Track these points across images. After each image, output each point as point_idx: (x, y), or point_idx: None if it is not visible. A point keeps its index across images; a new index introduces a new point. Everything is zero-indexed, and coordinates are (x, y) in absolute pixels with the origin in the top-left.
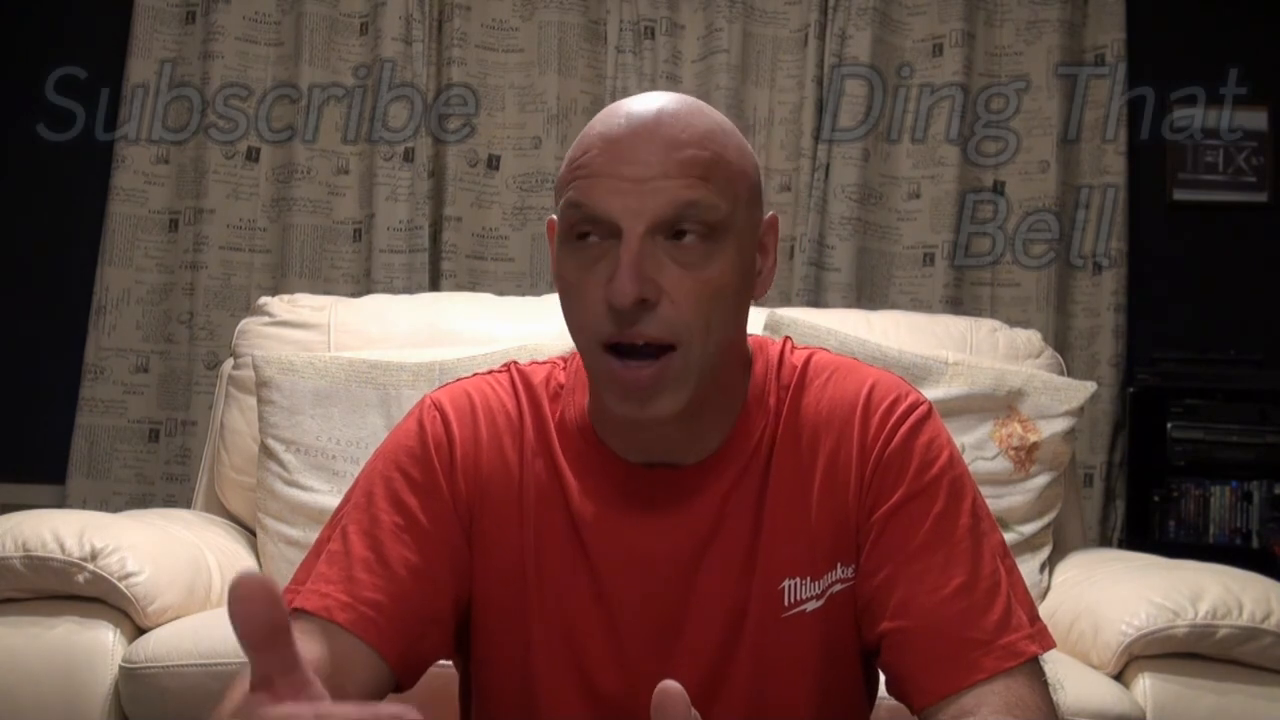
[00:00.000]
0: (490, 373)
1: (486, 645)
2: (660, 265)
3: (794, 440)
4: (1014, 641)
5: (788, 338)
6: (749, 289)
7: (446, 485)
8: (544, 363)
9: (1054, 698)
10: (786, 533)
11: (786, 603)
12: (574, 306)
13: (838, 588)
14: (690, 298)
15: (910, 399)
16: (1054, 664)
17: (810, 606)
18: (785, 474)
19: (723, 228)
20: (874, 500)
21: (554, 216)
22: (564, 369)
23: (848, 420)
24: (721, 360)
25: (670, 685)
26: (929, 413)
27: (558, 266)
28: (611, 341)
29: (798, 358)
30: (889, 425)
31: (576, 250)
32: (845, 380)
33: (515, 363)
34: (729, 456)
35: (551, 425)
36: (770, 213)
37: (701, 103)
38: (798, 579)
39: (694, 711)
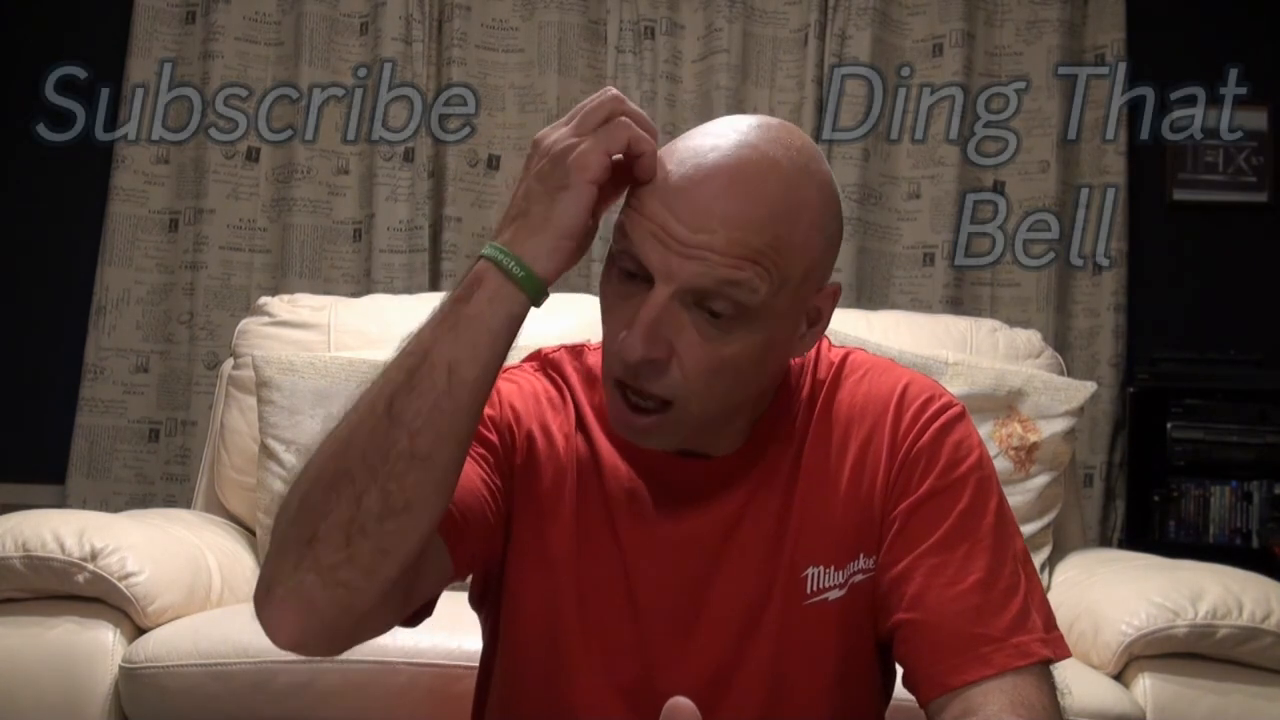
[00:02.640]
0: (518, 367)
1: (517, 618)
2: (680, 328)
3: (825, 433)
4: (1026, 642)
5: (824, 335)
6: (778, 356)
7: (504, 436)
8: (573, 347)
9: (1061, 703)
10: (813, 522)
11: (809, 590)
12: (605, 328)
13: (859, 578)
14: (699, 367)
15: (944, 399)
16: (1058, 668)
17: (833, 595)
18: (815, 465)
19: (754, 310)
20: (900, 493)
21: None
22: (596, 353)
23: (881, 415)
24: (730, 408)
25: (681, 701)
26: (962, 414)
27: (602, 277)
28: (621, 380)
29: (835, 355)
30: (921, 421)
31: (616, 278)
32: (881, 377)
33: (542, 352)
34: (761, 446)
35: (589, 410)
36: (834, 283)
37: (791, 157)
38: (821, 568)
39: None
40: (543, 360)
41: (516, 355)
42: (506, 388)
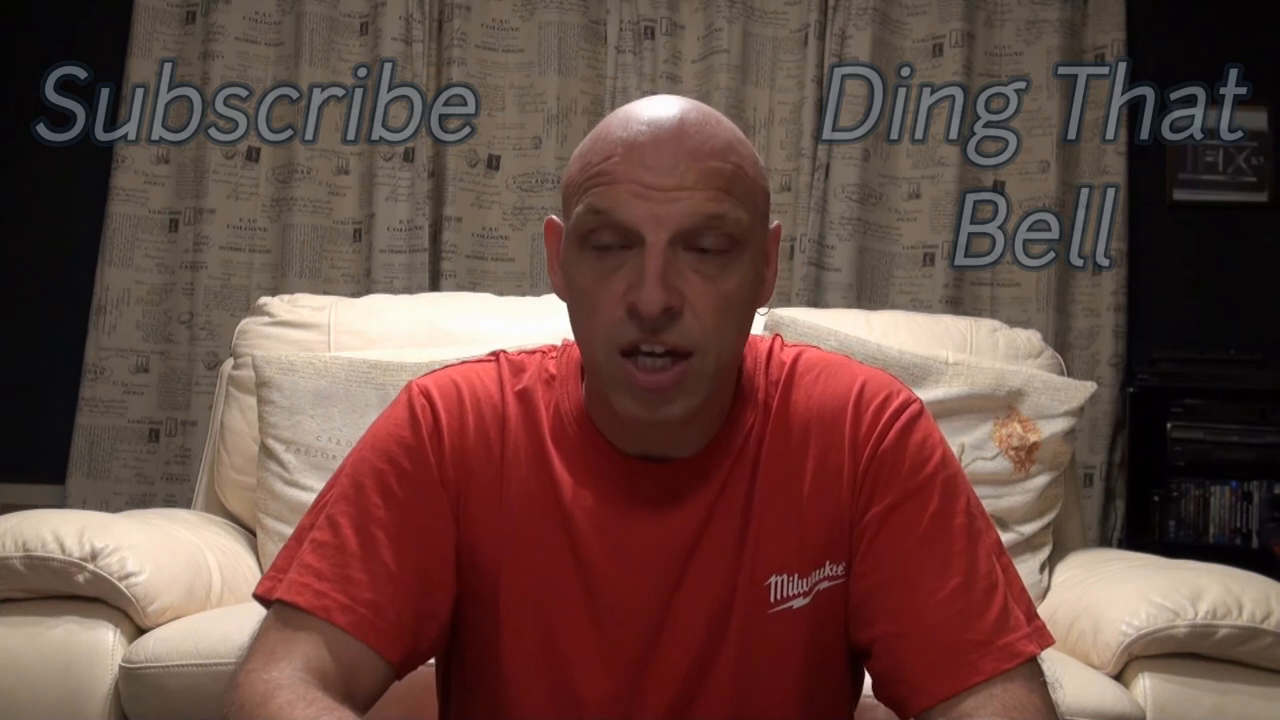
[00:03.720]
0: (478, 361)
1: (460, 635)
2: (682, 274)
3: (783, 437)
4: (1012, 642)
5: (777, 335)
6: (758, 299)
7: (438, 475)
8: (533, 351)
9: (1053, 697)
10: (775, 529)
11: (773, 599)
12: (589, 314)
13: (825, 585)
14: (710, 308)
15: (901, 397)
16: (1054, 663)
17: (797, 603)
18: (774, 470)
19: (742, 240)
20: (867, 500)
21: (554, 218)
22: (555, 358)
23: (838, 418)
24: (730, 365)
25: None
26: (920, 411)
27: (569, 272)
28: (631, 347)
29: (787, 355)
30: (881, 423)
31: (592, 259)
32: (835, 377)
33: (504, 352)
34: (720, 451)
35: (544, 416)
36: (775, 223)
37: (716, 111)
38: (785, 575)
39: None
40: (502, 360)
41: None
42: (448, 411)
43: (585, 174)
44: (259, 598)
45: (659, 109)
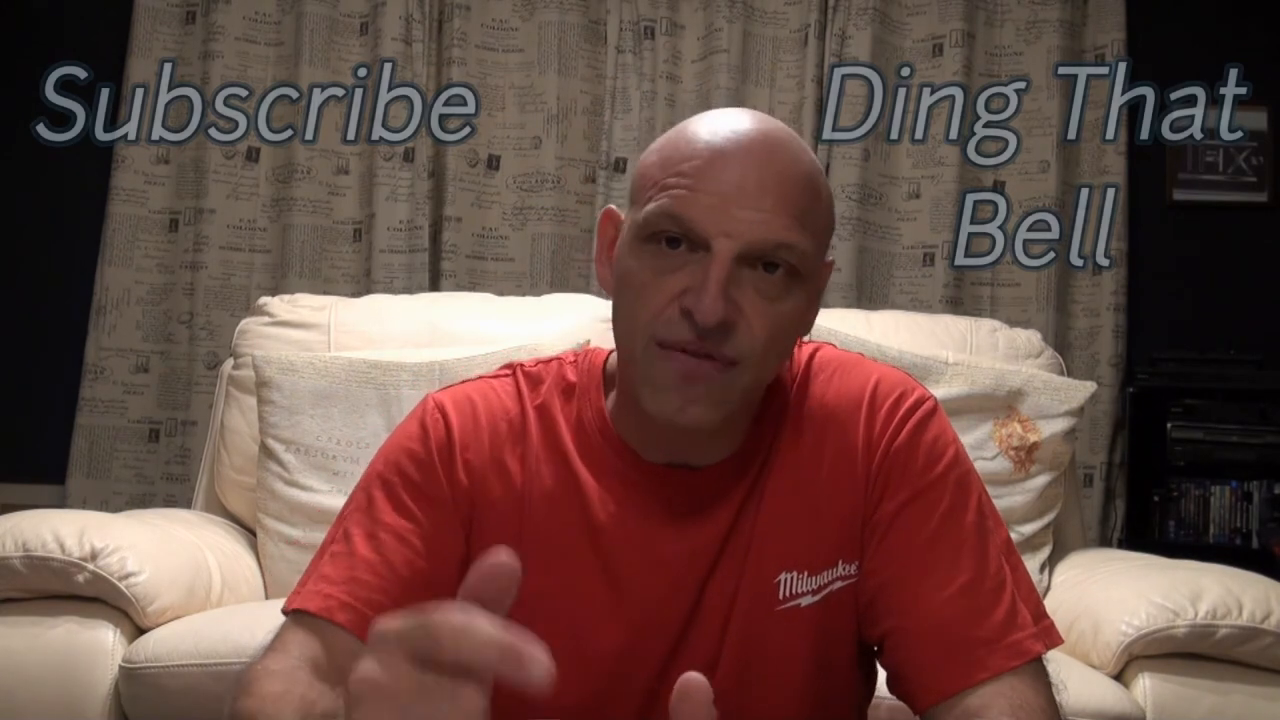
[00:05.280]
0: (494, 376)
1: None
2: (742, 288)
3: (798, 435)
4: (1019, 640)
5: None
6: (802, 328)
7: (448, 488)
8: (548, 361)
9: (1058, 698)
10: (786, 526)
11: (781, 596)
12: (636, 303)
13: (838, 585)
14: (765, 326)
15: (916, 394)
16: (1055, 663)
17: (805, 601)
18: (788, 468)
19: (806, 271)
20: (879, 497)
21: (613, 208)
22: (574, 367)
23: (853, 416)
24: (761, 386)
25: (693, 677)
26: (934, 408)
27: (625, 261)
28: (674, 344)
29: (802, 353)
30: (895, 421)
31: (653, 253)
32: (850, 375)
33: (520, 365)
34: (745, 456)
35: (565, 427)
36: (830, 257)
37: (799, 137)
38: (794, 573)
39: (713, 711)
40: (518, 374)
41: (515, 356)
42: (461, 426)
43: (664, 172)
44: (285, 614)
45: (748, 121)
